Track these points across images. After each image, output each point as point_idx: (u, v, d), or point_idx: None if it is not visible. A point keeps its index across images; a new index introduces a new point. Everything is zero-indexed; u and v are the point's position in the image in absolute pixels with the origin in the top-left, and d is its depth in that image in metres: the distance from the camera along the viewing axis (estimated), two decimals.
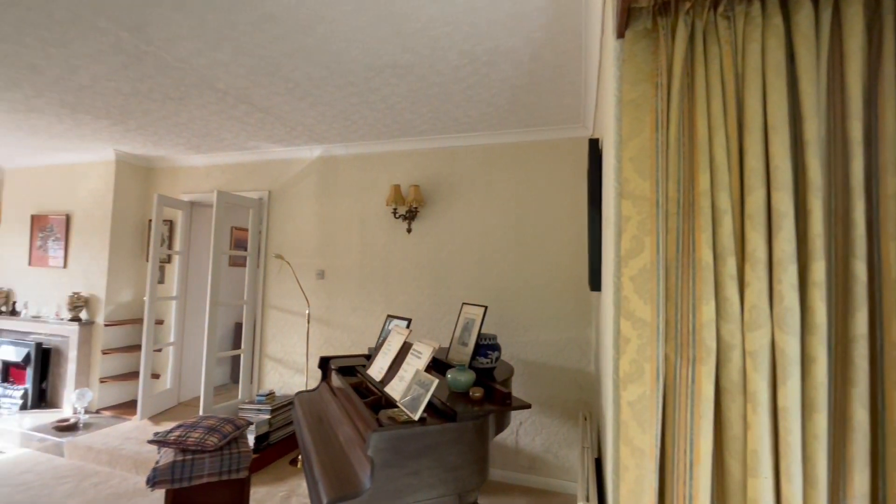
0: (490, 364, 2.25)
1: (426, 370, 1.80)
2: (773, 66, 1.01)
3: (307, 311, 3.72)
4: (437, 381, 1.64)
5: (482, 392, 1.86)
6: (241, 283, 4.20)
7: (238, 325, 5.21)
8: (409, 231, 3.56)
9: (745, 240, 1.01)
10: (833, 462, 0.95)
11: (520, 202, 3.30)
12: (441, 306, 3.46)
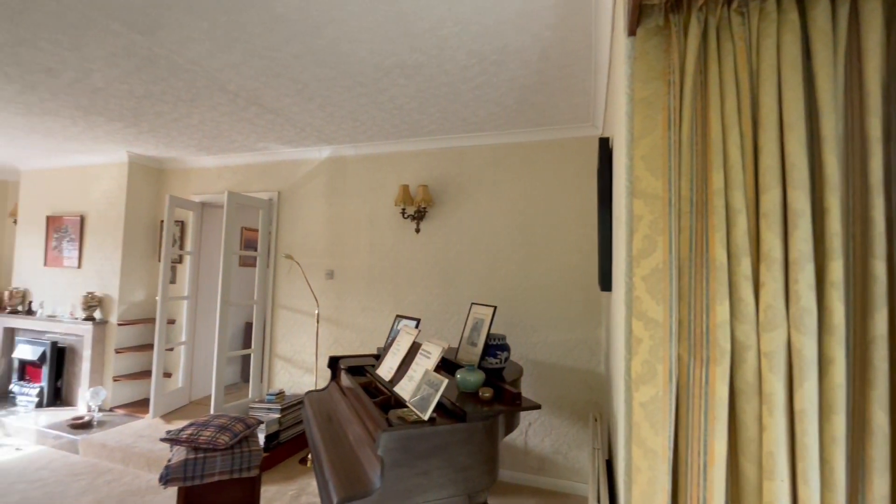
0: (499, 364, 2.25)
1: (435, 370, 1.80)
2: (789, 62, 1.00)
3: (316, 311, 3.74)
4: (446, 381, 1.64)
5: (492, 392, 1.86)
6: (252, 284, 4.24)
7: (248, 325, 5.25)
8: (418, 231, 3.57)
9: (759, 239, 0.99)
10: (852, 465, 0.94)
11: (529, 202, 3.29)
12: (450, 306, 3.46)
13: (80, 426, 3.74)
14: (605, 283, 1.95)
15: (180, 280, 4.50)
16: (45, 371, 4.35)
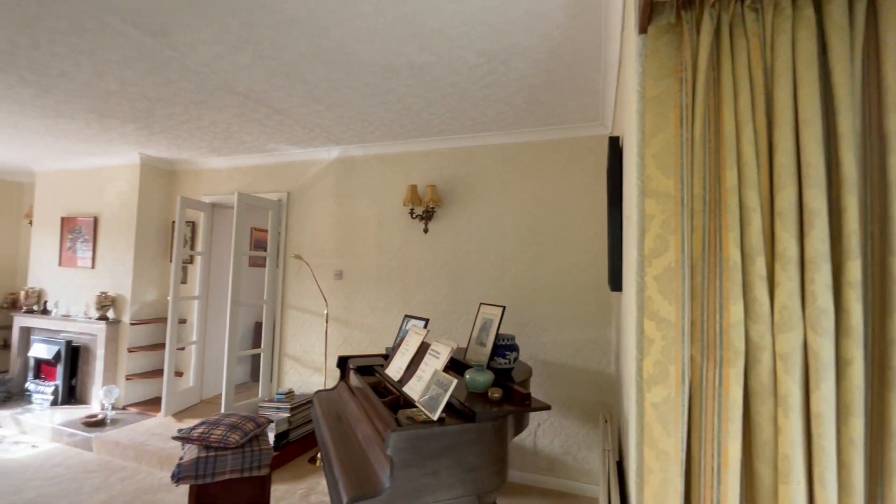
0: (508, 365, 2.24)
1: (444, 370, 1.79)
2: (805, 59, 0.98)
3: (325, 311, 3.76)
4: (455, 382, 1.64)
5: (501, 393, 1.85)
6: (261, 284, 4.27)
7: (258, 325, 5.30)
8: (426, 231, 3.57)
9: (774, 238, 0.98)
10: (870, 468, 0.92)
11: (537, 201, 3.28)
12: (458, 306, 3.45)
13: (94, 424, 3.80)
14: (616, 283, 1.93)
15: (191, 280, 4.55)
16: (59, 370, 4.42)
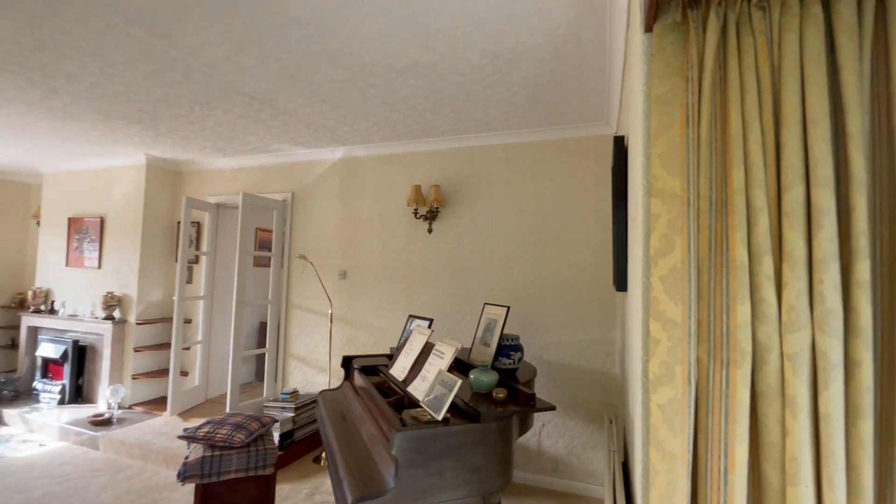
0: (513, 365, 2.24)
1: (448, 370, 1.79)
2: (812, 57, 0.97)
3: (330, 311, 3.77)
4: (460, 382, 1.64)
5: (506, 393, 1.85)
6: (266, 284, 4.29)
7: (263, 325, 5.31)
8: (430, 231, 3.57)
9: (782, 238, 0.97)
10: (880, 470, 0.91)
11: (541, 201, 3.27)
12: (462, 306, 3.45)
13: (101, 423, 3.83)
14: (621, 283, 1.92)
15: (196, 280, 4.57)
16: (66, 369, 4.46)
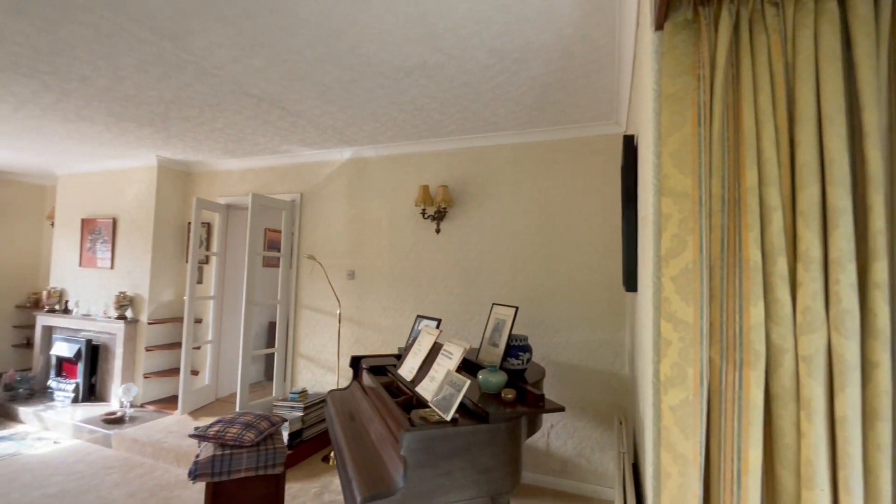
0: (521, 365, 2.23)
1: (456, 371, 1.79)
2: (828, 54, 0.95)
3: (338, 311, 3.78)
4: (469, 382, 1.63)
5: (514, 394, 1.84)
6: (275, 284, 4.32)
7: (272, 325, 5.35)
8: (438, 231, 3.57)
9: (797, 238, 0.96)
10: None
11: (550, 201, 3.26)
12: (470, 307, 3.45)
13: (113, 421, 3.88)
14: (631, 283, 1.91)
15: (207, 280, 4.61)
16: (80, 368, 4.53)
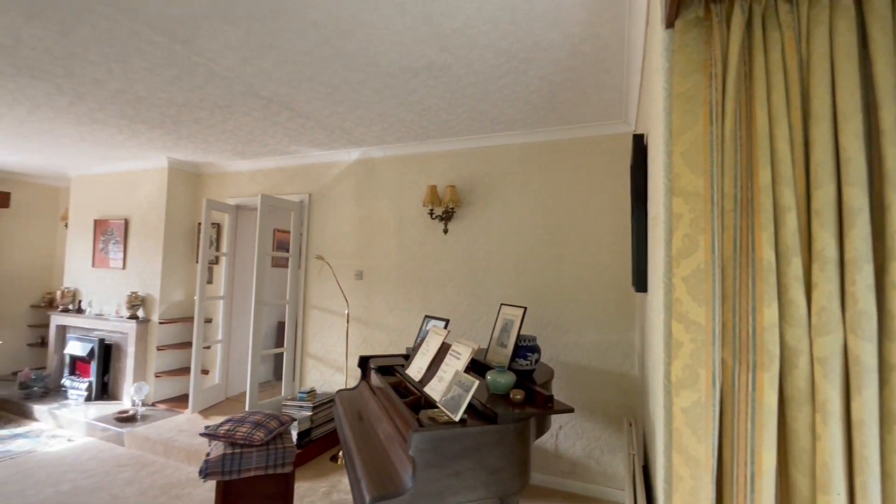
0: (530, 366, 2.22)
1: (465, 371, 1.79)
2: (843, 51, 0.94)
3: (346, 311, 3.80)
4: (477, 383, 1.63)
5: (523, 394, 1.84)
6: (284, 284, 4.35)
7: (281, 324, 5.39)
8: (446, 232, 3.57)
9: (812, 238, 0.94)
10: None
11: (558, 201, 3.24)
12: (478, 307, 3.44)
13: (126, 420, 3.93)
14: (640, 283, 1.89)
15: (216, 280, 4.66)
16: (93, 367, 4.59)
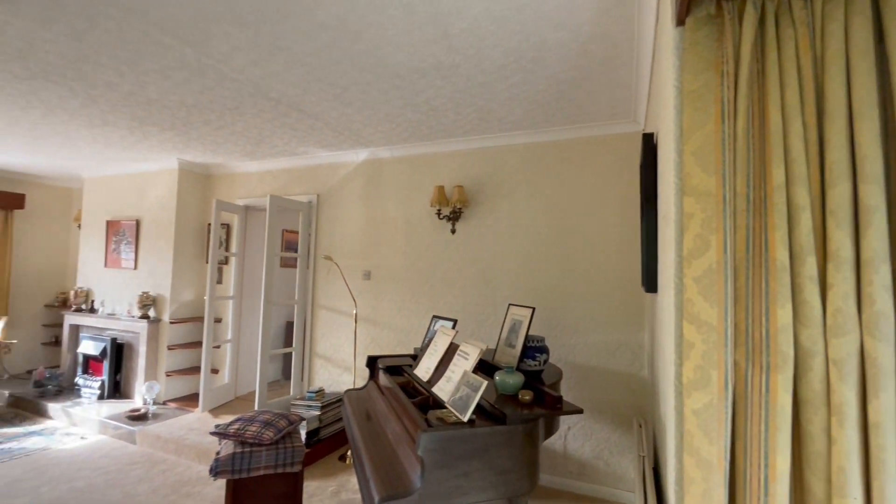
0: (538, 367, 2.21)
1: (473, 372, 1.79)
2: (859, 47, 0.92)
3: (354, 311, 3.81)
4: (486, 383, 1.63)
5: (532, 395, 1.83)
6: (293, 284, 4.37)
7: (289, 324, 5.42)
8: (454, 232, 3.56)
9: (826, 238, 0.93)
10: None
11: (567, 201, 3.22)
12: (486, 307, 3.44)
13: (137, 418, 3.98)
14: (650, 284, 1.87)
15: (226, 280, 4.70)
16: (105, 365, 4.65)
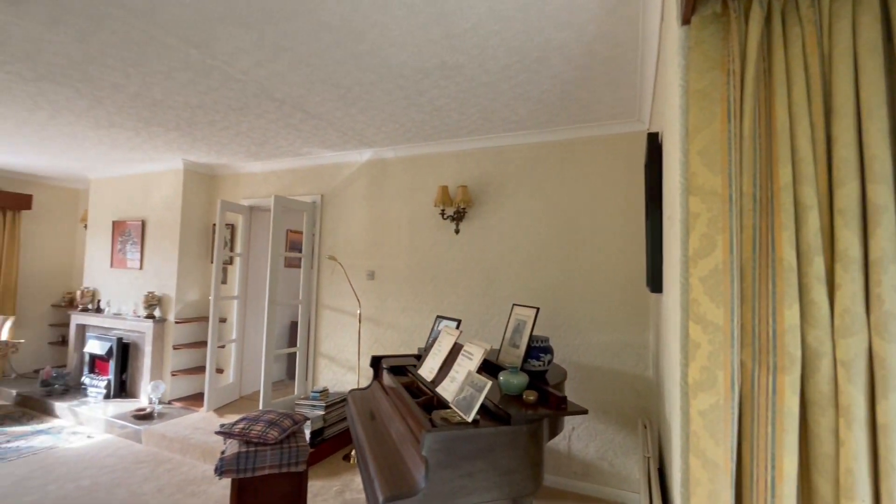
0: (542, 367, 2.20)
1: (477, 372, 1.78)
2: (867, 46, 0.91)
3: (358, 311, 3.82)
4: (490, 383, 1.62)
5: (536, 395, 1.83)
6: (297, 284, 4.38)
7: (294, 324, 5.44)
8: (458, 232, 3.56)
9: (834, 237, 0.92)
10: None
11: (571, 201, 3.22)
12: (490, 307, 3.43)
13: (143, 417, 4.00)
14: (655, 284, 1.87)
15: (231, 280, 4.72)
16: (111, 365, 4.68)
